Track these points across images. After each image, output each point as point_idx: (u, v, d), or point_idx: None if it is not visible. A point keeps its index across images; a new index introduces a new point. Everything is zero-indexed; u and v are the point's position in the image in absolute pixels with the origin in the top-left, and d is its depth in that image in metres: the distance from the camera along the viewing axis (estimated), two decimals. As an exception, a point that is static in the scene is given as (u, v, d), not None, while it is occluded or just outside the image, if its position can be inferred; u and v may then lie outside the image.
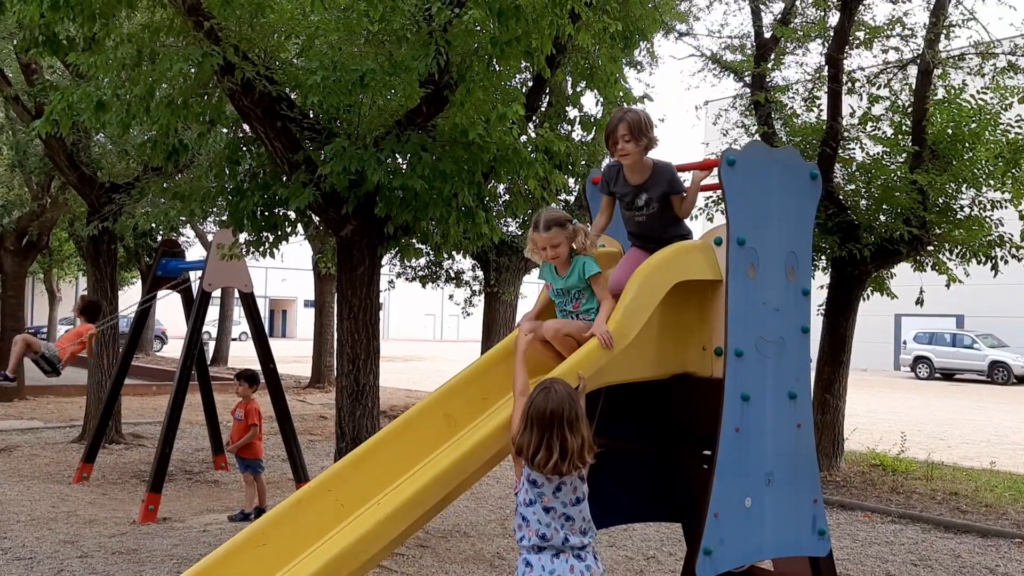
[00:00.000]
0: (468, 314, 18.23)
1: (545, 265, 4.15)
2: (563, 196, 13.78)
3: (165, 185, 8.94)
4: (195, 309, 9.24)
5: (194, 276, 9.99)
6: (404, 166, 6.63)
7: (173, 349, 34.64)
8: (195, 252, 25.72)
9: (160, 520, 7.92)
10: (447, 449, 3.85)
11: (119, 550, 6.90)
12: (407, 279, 17.93)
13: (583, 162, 7.68)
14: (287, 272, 55.66)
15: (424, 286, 17.88)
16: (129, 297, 26.47)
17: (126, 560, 6.65)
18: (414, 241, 7.88)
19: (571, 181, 9.30)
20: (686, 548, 4.64)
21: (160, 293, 10.38)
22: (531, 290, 27.34)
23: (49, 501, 8.53)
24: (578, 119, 8.05)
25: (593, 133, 8.00)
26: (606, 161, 12.01)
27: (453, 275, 17.46)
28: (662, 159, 4.35)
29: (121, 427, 12.15)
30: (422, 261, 16.54)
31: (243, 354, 28.93)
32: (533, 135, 7.38)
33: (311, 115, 6.79)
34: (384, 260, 8.89)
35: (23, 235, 16.93)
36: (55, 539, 7.15)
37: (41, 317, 46.72)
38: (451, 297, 18.43)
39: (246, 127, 7.05)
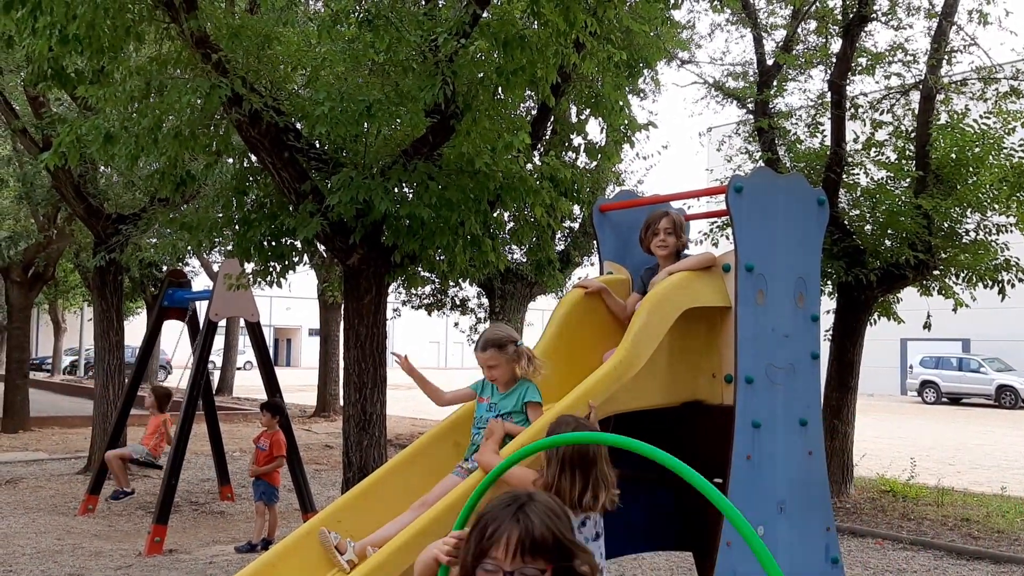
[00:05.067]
0: (473, 341, 18.17)
1: (485, 381, 4.02)
2: (568, 223, 13.82)
3: (172, 216, 8.98)
4: (201, 339, 9.24)
5: (200, 306, 10.00)
6: (411, 195, 6.65)
7: (177, 379, 34.53)
8: (200, 282, 25.74)
9: (166, 552, 7.86)
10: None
11: (125, 583, 6.85)
12: (412, 307, 17.92)
13: (588, 189, 7.70)
14: (291, 301, 55.72)
15: (429, 314, 17.86)
16: (135, 327, 26.50)
17: (132, 593, 6.61)
18: (420, 269, 7.88)
19: (576, 208, 9.32)
20: (698, 577, 4.60)
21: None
22: (536, 317, 27.29)
23: (54, 533, 8.48)
24: (583, 147, 8.08)
25: (598, 160, 8.03)
26: (610, 190, 12.07)
27: (458, 302, 17.45)
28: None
29: (127, 458, 12.08)
30: (427, 289, 16.53)
31: (248, 383, 28.86)
32: (538, 163, 7.41)
33: (318, 145, 6.83)
34: (390, 288, 8.90)
35: (29, 266, 16.99)
36: (61, 572, 7.10)
37: (46, 348, 46.76)
38: (456, 324, 18.39)
39: (253, 158, 7.09)
